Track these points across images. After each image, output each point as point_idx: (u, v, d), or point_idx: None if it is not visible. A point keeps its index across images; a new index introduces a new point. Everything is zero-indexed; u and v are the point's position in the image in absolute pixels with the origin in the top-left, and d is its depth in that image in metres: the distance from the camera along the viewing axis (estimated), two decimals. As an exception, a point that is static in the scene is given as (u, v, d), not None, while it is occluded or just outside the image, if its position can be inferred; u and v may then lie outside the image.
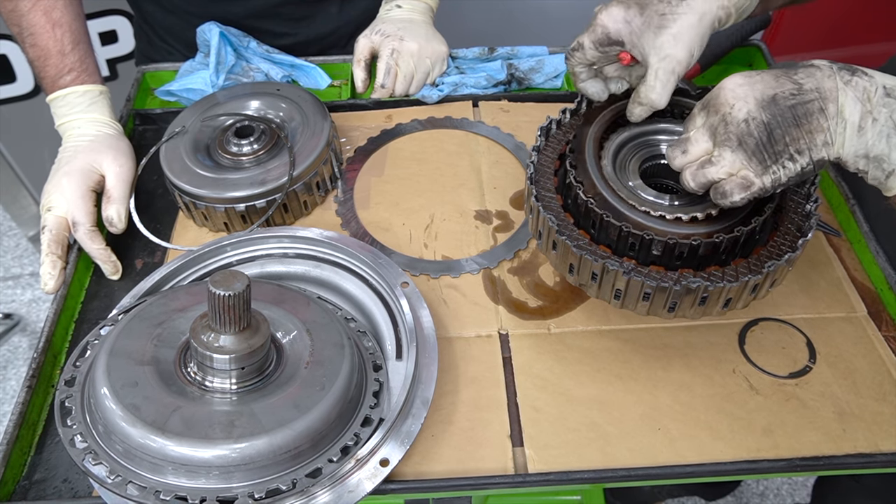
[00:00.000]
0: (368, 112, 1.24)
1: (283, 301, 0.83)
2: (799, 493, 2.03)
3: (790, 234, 0.79)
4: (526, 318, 0.93)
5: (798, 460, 0.78)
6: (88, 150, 1.03)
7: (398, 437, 0.76)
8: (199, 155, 1.05)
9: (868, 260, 0.97)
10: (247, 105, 1.12)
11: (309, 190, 1.05)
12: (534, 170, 0.86)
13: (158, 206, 1.11)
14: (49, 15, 1.07)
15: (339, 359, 0.77)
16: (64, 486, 0.80)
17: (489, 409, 0.84)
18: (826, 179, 1.07)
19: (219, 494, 0.68)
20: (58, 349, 0.93)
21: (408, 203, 1.09)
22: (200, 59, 1.28)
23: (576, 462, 0.79)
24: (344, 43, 1.45)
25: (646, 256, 0.78)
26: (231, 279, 0.69)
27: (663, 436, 0.81)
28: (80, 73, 1.08)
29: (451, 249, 1.02)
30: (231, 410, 0.72)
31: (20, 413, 0.83)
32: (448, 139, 1.19)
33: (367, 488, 0.72)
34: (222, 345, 0.72)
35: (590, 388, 0.86)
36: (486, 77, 1.25)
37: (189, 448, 0.68)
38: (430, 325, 0.87)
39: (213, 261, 0.96)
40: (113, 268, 1.00)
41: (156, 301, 0.83)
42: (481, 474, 0.78)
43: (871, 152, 0.67)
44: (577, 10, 2.14)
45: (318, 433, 0.72)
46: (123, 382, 0.72)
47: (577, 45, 0.85)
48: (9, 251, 2.70)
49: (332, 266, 0.95)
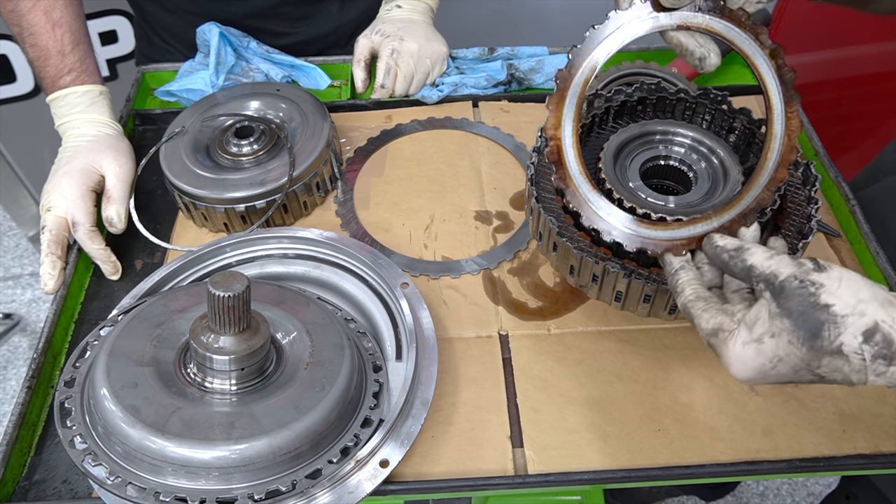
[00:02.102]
0: (368, 112, 1.23)
1: (283, 302, 0.83)
2: (799, 493, 2.03)
3: (791, 236, 0.79)
4: (526, 318, 0.93)
5: (798, 461, 0.78)
6: (88, 151, 1.03)
7: (398, 438, 0.76)
8: (199, 155, 1.05)
9: (868, 261, 0.97)
10: (247, 105, 1.12)
11: (309, 190, 1.05)
12: (534, 171, 0.86)
13: (158, 207, 1.11)
14: (49, 15, 1.07)
15: (338, 360, 0.77)
16: (63, 487, 0.80)
17: (489, 409, 0.84)
18: (826, 180, 1.07)
19: (218, 496, 0.68)
20: (58, 350, 0.93)
21: (408, 203, 1.09)
22: (200, 60, 1.28)
23: (576, 463, 0.79)
24: (344, 43, 1.45)
25: (646, 258, 0.78)
26: (231, 280, 0.69)
27: (663, 436, 0.81)
28: (80, 74, 1.08)
29: (451, 250, 1.02)
30: (231, 411, 0.72)
31: (20, 414, 0.83)
32: (448, 139, 1.18)
33: (367, 489, 0.72)
34: (222, 346, 0.72)
35: (590, 388, 0.86)
36: (486, 77, 1.25)
37: (189, 449, 0.68)
38: (429, 326, 0.87)
39: (212, 261, 0.96)
40: (112, 268, 1.00)
41: (155, 302, 0.83)
42: (481, 475, 0.78)
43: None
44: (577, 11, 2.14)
45: (318, 434, 0.72)
46: (123, 383, 0.72)
47: None
48: (9, 251, 2.70)
49: (332, 267, 0.95)
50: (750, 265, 0.62)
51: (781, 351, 0.58)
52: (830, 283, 0.57)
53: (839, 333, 0.55)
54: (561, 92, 0.71)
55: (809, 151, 1.12)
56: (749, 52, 0.70)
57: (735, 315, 0.63)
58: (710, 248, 0.68)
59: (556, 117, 0.71)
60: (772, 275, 0.60)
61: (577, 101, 0.71)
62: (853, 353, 0.55)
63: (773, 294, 0.59)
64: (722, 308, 0.64)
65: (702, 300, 0.66)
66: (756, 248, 0.63)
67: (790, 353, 0.58)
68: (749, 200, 0.72)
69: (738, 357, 0.60)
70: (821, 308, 0.56)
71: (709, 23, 0.69)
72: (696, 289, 0.67)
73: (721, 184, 0.82)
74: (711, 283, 0.70)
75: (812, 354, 0.57)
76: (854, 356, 0.56)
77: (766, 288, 0.60)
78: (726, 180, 0.82)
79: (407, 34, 1.23)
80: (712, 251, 0.67)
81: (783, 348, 0.58)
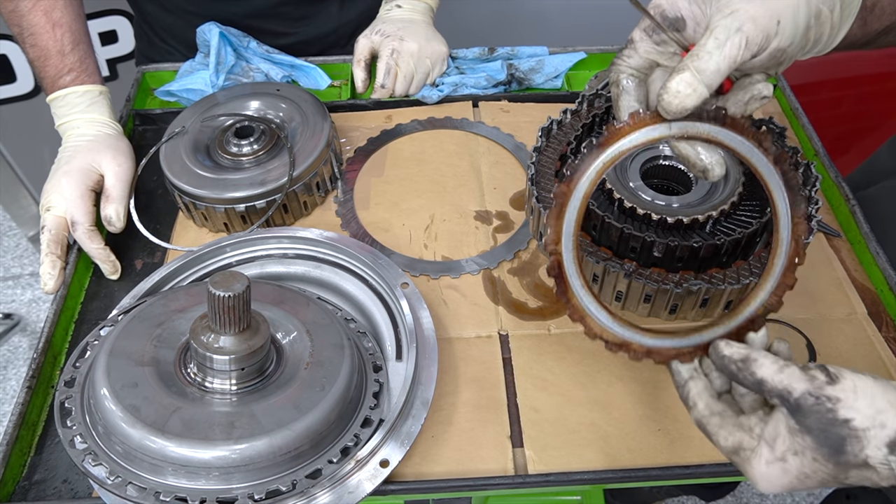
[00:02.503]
0: (368, 112, 1.23)
1: (283, 302, 0.83)
2: (799, 493, 2.03)
3: (791, 235, 0.79)
4: (526, 318, 0.93)
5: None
6: (87, 150, 1.03)
7: (398, 438, 0.76)
8: (199, 155, 1.05)
9: (868, 261, 0.97)
10: (247, 105, 1.12)
11: (309, 190, 1.05)
12: (534, 170, 0.86)
13: (158, 207, 1.11)
14: (49, 15, 1.07)
15: (338, 360, 0.77)
16: (64, 487, 0.80)
17: (489, 409, 0.84)
18: (826, 180, 1.07)
19: (219, 495, 0.68)
20: (58, 350, 0.93)
21: (408, 203, 1.09)
22: (200, 60, 1.28)
23: (576, 463, 0.79)
24: (344, 43, 1.45)
25: (647, 258, 0.78)
26: (231, 280, 0.69)
27: (663, 436, 0.81)
28: (79, 74, 1.08)
29: (451, 250, 1.02)
30: (231, 411, 0.72)
31: (20, 414, 0.83)
32: (448, 139, 1.18)
33: (367, 489, 0.72)
34: (222, 346, 0.72)
35: (590, 388, 0.86)
36: (486, 77, 1.25)
37: (189, 449, 0.68)
38: (430, 326, 0.87)
39: (212, 261, 0.96)
40: (112, 267, 1.00)
41: (155, 302, 0.83)
42: (481, 475, 0.78)
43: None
44: (577, 11, 2.14)
45: (318, 434, 0.72)
46: (123, 383, 0.72)
47: (627, 42, 0.68)
48: (9, 251, 2.70)
49: (332, 267, 0.95)
50: (760, 379, 0.60)
51: (807, 468, 0.57)
52: (846, 396, 0.56)
53: (863, 448, 0.55)
54: (560, 207, 0.70)
55: (809, 151, 1.12)
56: (753, 161, 0.68)
57: (753, 430, 0.61)
58: (717, 358, 0.65)
59: (556, 232, 0.70)
60: (784, 391, 0.58)
61: (576, 217, 0.70)
62: (880, 464, 0.54)
63: (790, 410, 0.57)
64: (738, 423, 0.62)
65: (716, 416, 0.64)
66: (764, 358, 0.61)
67: (816, 470, 0.56)
68: (757, 306, 0.70)
69: (763, 476, 0.59)
70: (840, 424, 0.55)
71: (709, 132, 0.66)
72: (707, 402, 0.65)
73: (721, 184, 0.82)
74: (721, 388, 0.68)
75: (838, 469, 0.56)
76: (881, 467, 0.55)
77: (782, 404, 0.58)
78: (726, 180, 0.82)
79: (407, 34, 1.23)
80: (719, 361, 0.64)
81: (808, 465, 0.57)
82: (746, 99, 0.66)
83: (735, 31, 0.59)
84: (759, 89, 0.65)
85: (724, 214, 0.79)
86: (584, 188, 0.69)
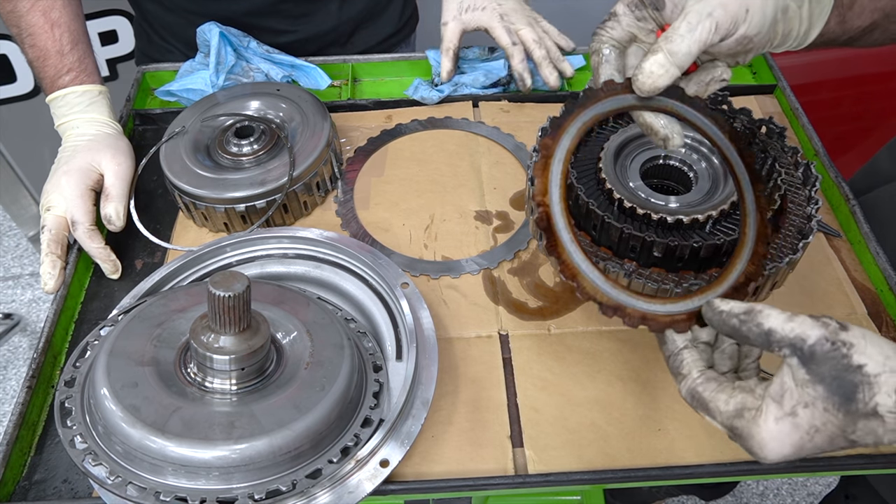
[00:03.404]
0: (368, 112, 1.23)
1: (283, 302, 0.83)
2: (799, 493, 2.03)
3: (791, 236, 0.79)
4: (526, 318, 0.93)
5: (798, 461, 0.78)
6: (87, 150, 1.03)
7: (398, 438, 0.76)
8: (199, 155, 1.05)
9: (868, 261, 0.97)
10: (247, 105, 1.12)
11: (309, 190, 1.05)
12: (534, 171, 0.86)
13: (158, 207, 1.11)
14: (48, 15, 1.07)
15: (339, 359, 0.77)
16: (64, 487, 0.80)
17: (489, 409, 0.84)
18: (826, 180, 1.07)
19: (219, 495, 0.68)
20: (58, 349, 0.93)
21: (408, 203, 1.09)
22: (200, 59, 1.28)
23: (576, 463, 0.79)
24: (344, 41, 1.45)
25: (647, 258, 0.78)
26: (231, 280, 0.69)
27: (663, 436, 0.81)
28: (78, 73, 1.08)
29: (451, 250, 1.02)
30: (231, 411, 0.72)
31: (20, 413, 0.83)
32: (448, 139, 1.19)
33: (367, 489, 0.72)
34: (222, 345, 0.72)
35: (590, 388, 0.86)
36: (485, 76, 1.25)
37: (189, 449, 0.68)
38: (430, 326, 0.87)
39: (212, 261, 0.96)
40: (112, 267, 1.00)
41: (156, 302, 0.83)
42: (481, 475, 0.78)
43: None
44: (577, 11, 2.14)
45: (318, 434, 0.72)
46: (123, 383, 0.72)
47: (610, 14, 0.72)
48: (9, 251, 2.71)
49: (332, 266, 0.95)
50: (768, 329, 0.57)
51: (818, 420, 0.55)
52: (858, 342, 0.54)
53: (874, 394, 0.53)
54: (545, 159, 0.71)
55: (809, 151, 1.12)
56: (711, 135, 0.73)
57: (755, 390, 0.58)
58: (714, 315, 0.62)
59: (543, 183, 0.70)
60: (798, 339, 0.56)
61: (562, 168, 0.71)
62: (888, 412, 0.53)
63: (802, 360, 0.55)
64: (738, 385, 0.60)
65: (713, 381, 0.61)
66: (769, 309, 0.58)
67: (827, 422, 0.54)
68: (737, 274, 0.70)
69: (773, 435, 0.56)
70: (854, 370, 0.53)
71: (674, 106, 0.72)
72: (702, 369, 0.63)
73: (721, 183, 0.82)
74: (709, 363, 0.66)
75: (848, 420, 0.54)
76: (889, 416, 0.53)
77: (793, 353, 0.56)
78: (727, 180, 0.82)
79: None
80: (717, 318, 0.61)
81: (819, 417, 0.54)
82: (707, 80, 0.71)
83: (706, 16, 0.63)
84: (720, 72, 0.71)
85: (724, 214, 0.79)
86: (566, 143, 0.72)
